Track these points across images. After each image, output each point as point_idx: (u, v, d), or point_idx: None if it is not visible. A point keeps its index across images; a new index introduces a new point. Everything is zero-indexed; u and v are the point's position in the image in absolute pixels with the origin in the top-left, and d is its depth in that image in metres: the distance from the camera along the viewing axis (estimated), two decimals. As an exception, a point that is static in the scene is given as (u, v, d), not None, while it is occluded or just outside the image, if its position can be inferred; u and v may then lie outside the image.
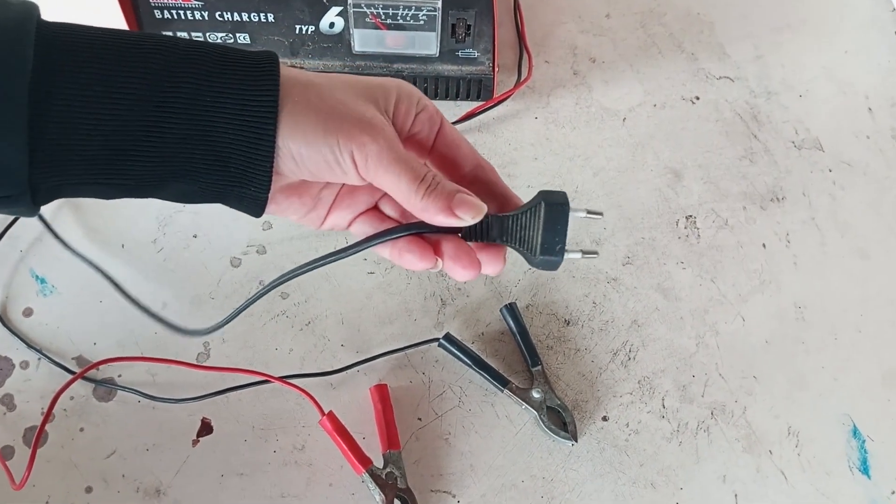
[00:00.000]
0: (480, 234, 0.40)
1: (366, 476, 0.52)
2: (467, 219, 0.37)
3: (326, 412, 0.53)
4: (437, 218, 0.37)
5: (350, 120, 0.35)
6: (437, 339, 0.58)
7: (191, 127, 0.34)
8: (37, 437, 0.52)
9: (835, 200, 0.65)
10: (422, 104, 0.39)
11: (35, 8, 0.33)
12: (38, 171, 0.32)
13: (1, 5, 0.32)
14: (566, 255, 0.40)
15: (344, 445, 0.52)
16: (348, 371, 0.57)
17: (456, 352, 0.57)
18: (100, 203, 0.61)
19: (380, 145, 0.36)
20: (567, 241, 0.39)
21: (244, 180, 0.36)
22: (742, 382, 0.58)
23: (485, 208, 0.38)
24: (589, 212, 0.42)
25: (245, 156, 0.35)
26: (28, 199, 0.33)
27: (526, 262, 0.41)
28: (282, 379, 0.55)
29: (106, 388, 0.56)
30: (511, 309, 0.58)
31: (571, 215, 0.40)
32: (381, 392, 0.55)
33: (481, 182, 0.41)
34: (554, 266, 0.40)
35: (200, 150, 0.34)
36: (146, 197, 0.36)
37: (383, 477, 0.52)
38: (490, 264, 0.41)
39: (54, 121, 0.31)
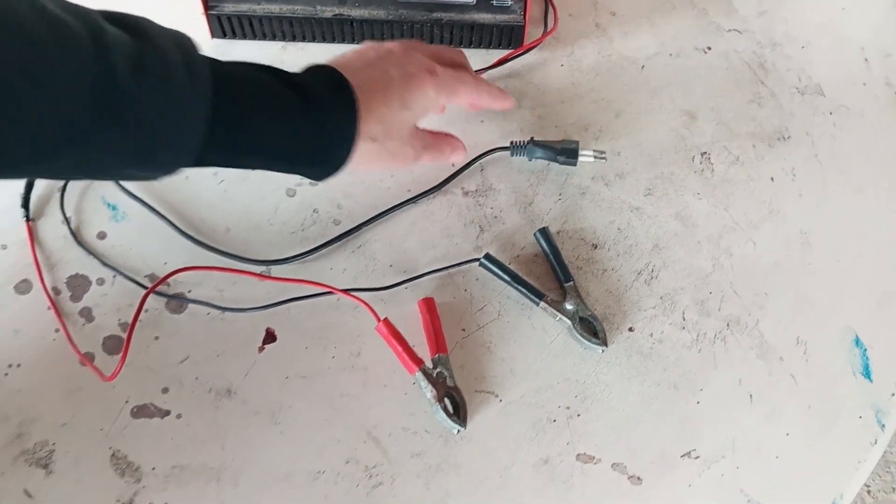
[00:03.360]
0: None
1: (418, 374, 0.57)
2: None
3: (382, 319, 0.59)
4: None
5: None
6: (477, 259, 0.63)
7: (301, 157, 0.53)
8: (129, 335, 0.58)
9: (835, 140, 0.71)
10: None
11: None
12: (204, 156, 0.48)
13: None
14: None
15: (399, 347, 0.58)
16: (397, 288, 0.62)
17: (495, 269, 0.63)
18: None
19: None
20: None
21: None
22: (754, 298, 0.64)
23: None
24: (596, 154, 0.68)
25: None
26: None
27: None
28: (344, 290, 0.60)
29: (178, 302, 0.61)
30: (544, 232, 0.64)
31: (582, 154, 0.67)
32: (429, 304, 0.61)
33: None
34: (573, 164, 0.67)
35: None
36: None
37: (434, 376, 0.58)
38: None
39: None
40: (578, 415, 0.59)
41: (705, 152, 0.69)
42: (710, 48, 0.74)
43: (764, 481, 0.58)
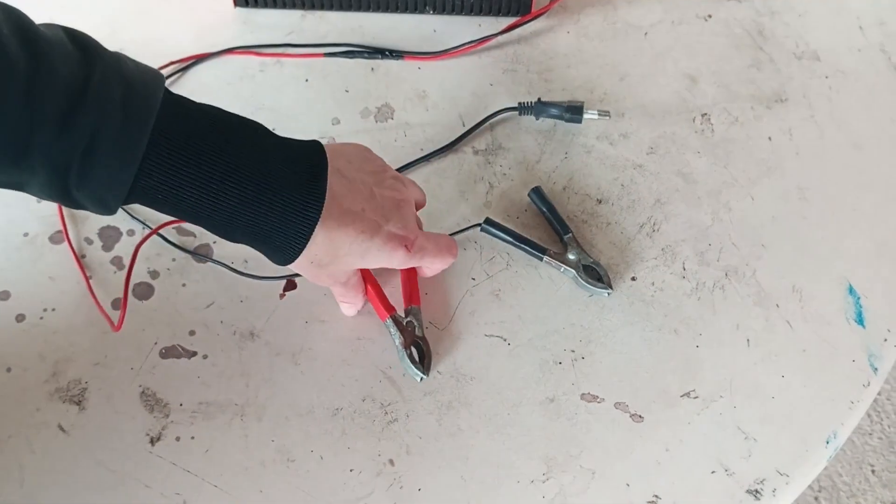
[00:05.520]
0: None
1: (389, 321, 0.60)
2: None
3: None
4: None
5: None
6: (479, 225, 0.66)
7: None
8: (126, 284, 0.61)
9: (831, 102, 0.74)
10: None
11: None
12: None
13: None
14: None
15: (373, 293, 0.61)
16: (410, 240, 0.66)
17: (496, 232, 0.65)
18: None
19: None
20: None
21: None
22: (752, 250, 0.67)
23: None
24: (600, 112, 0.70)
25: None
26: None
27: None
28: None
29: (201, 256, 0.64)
30: (537, 191, 0.67)
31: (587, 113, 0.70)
32: None
33: None
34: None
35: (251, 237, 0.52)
36: None
37: (404, 324, 0.61)
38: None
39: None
40: (583, 357, 0.62)
41: (706, 113, 0.72)
42: (710, 16, 0.77)
43: (760, 419, 0.61)
